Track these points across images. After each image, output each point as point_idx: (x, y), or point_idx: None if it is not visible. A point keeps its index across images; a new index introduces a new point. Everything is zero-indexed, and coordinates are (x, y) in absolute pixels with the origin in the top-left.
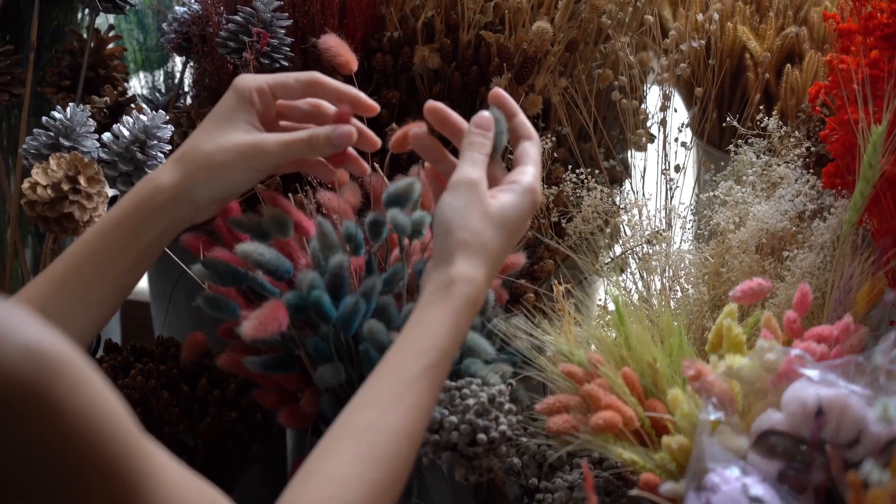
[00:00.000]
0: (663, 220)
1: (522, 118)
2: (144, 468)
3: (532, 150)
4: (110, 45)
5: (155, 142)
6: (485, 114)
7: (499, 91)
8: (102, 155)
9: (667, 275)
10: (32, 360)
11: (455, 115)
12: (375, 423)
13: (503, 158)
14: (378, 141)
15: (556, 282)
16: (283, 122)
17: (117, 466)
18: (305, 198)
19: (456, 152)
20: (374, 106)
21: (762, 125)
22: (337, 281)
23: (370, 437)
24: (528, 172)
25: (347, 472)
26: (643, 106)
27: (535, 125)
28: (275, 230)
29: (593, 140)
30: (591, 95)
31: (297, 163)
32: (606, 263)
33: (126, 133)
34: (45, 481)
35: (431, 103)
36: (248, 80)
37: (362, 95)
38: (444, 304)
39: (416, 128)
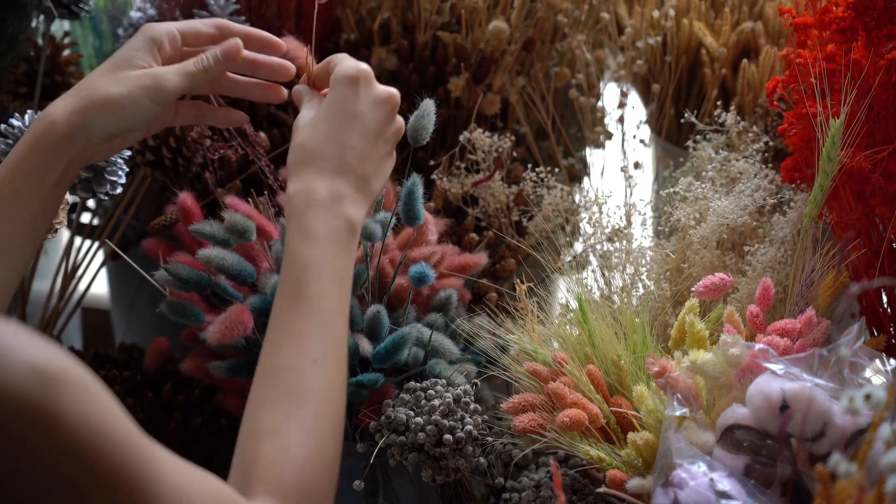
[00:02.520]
0: (623, 217)
1: (332, 63)
2: (148, 469)
3: (333, 59)
4: (66, 52)
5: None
6: (297, 88)
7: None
8: None
9: (628, 272)
10: (36, 378)
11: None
12: (277, 363)
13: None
14: (280, 43)
15: (518, 281)
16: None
17: (123, 473)
18: (265, 201)
19: None
20: (281, 43)
21: (720, 121)
22: None
23: (279, 377)
24: (336, 71)
25: (275, 419)
26: (600, 103)
27: (494, 124)
28: (237, 237)
29: (552, 138)
30: (548, 94)
31: (196, 111)
32: (568, 261)
33: None
34: (54, 496)
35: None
36: (159, 26)
37: (269, 35)
38: (288, 226)
39: None
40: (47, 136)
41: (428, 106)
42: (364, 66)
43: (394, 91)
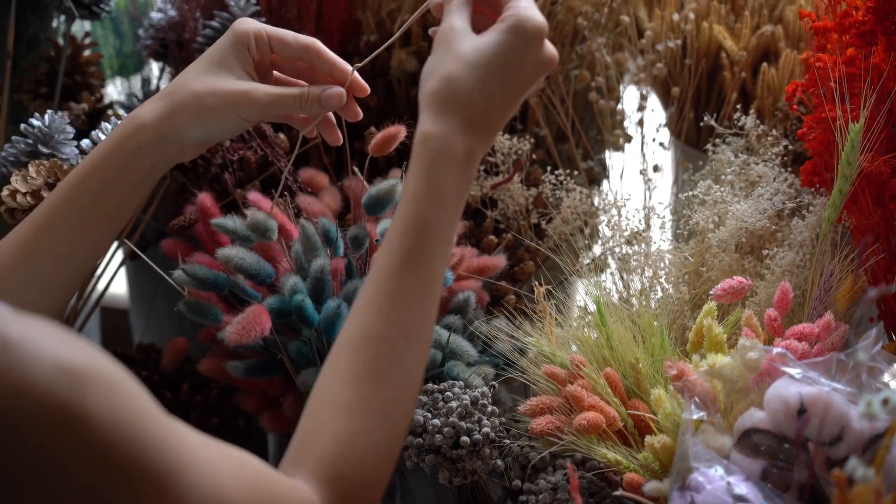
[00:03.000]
0: (642, 221)
1: None
2: (179, 465)
3: None
4: (87, 52)
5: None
6: None
7: None
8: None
9: (647, 275)
10: (64, 377)
11: None
12: (370, 332)
13: None
14: (360, 113)
15: (536, 283)
16: (276, 74)
17: (152, 472)
18: (284, 202)
19: None
20: (366, 87)
21: (739, 124)
22: (319, 285)
23: (368, 349)
24: (511, 6)
25: (352, 397)
26: (620, 106)
27: (513, 127)
28: (258, 234)
29: (571, 141)
30: (568, 97)
31: (281, 117)
32: (586, 264)
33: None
34: (79, 497)
35: None
36: (248, 24)
37: (356, 74)
38: (414, 169)
39: None
40: (133, 138)
41: None
42: (543, 22)
43: (556, 57)
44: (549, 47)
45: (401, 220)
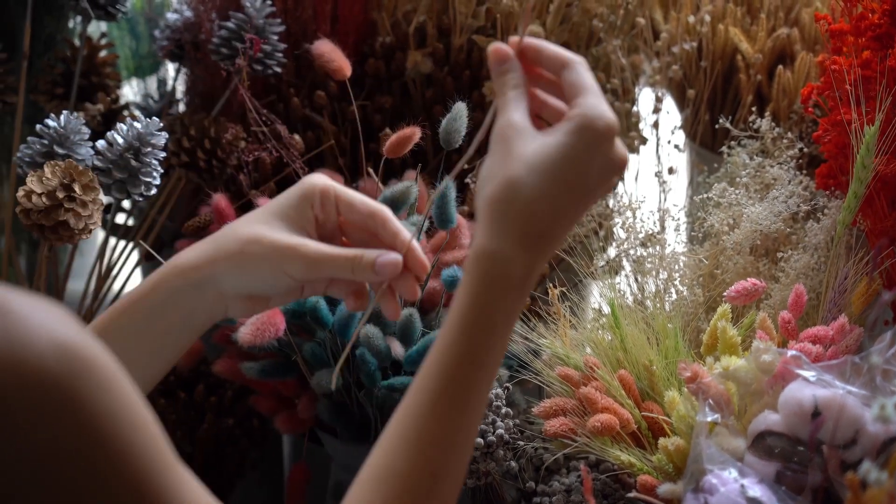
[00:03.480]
0: (657, 223)
1: (551, 49)
2: (171, 486)
3: (577, 76)
4: (103, 53)
5: (149, 149)
6: (496, 46)
7: (498, 45)
8: (97, 163)
9: (661, 277)
10: (65, 357)
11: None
12: (394, 466)
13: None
14: (417, 291)
15: (551, 285)
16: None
17: (142, 477)
18: None
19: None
20: (426, 263)
21: (755, 126)
22: None
23: (389, 483)
24: (579, 104)
25: None
26: (635, 108)
27: None
28: None
29: None
30: None
31: (334, 283)
32: (601, 266)
33: (120, 140)
34: (67, 482)
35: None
36: (318, 179)
37: (418, 249)
38: (466, 290)
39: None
40: (169, 281)
41: (460, 109)
42: (614, 120)
43: (627, 158)
44: (620, 148)
45: (444, 346)
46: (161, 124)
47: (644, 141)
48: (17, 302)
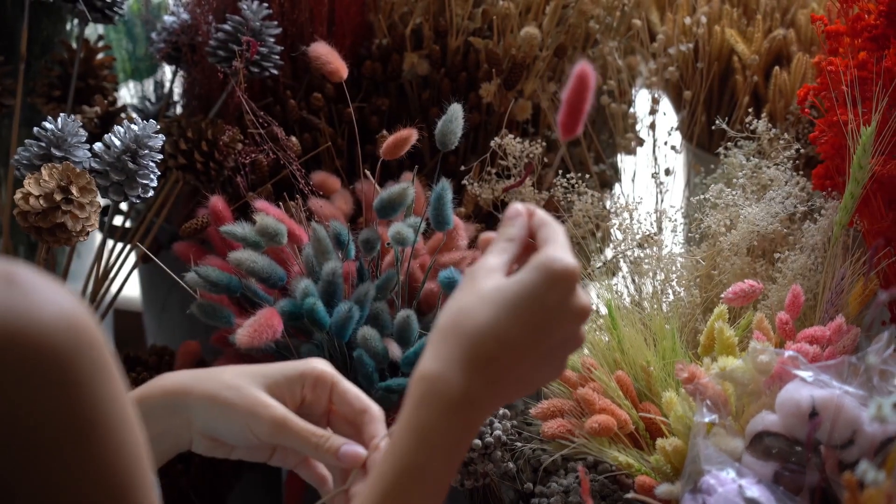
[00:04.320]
0: (654, 224)
1: (539, 214)
2: (139, 485)
3: (551, 231)
4: (100, 55)
5: (146, 151)
6: (515, 205)
7: (517, 205)
8: (94, 165)
9: (658, 278)
10: (71, 330)
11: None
12: None
13: None
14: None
15: None
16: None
17: (117, 466)
18: (296, 205)
19: None
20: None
21: (751, 128)
22: (330, 288)
23: None
24: (543, 251)
25: None
26: (632, 110)
27: (525, 130)
28: (268, 239)
29: (583, 144)
30: None
31: (306, 463)
32: (598, 267)
33: (118, 143)
34: (45, 453)
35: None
36: (321, 365)
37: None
38: (404, 408)
39: None
40: (154, 396)
41: (455, 111)
42: (574, 266)
43: (590, 306)
44: (583, 295)
45: (384, 460)
46: (158, 126)
47: (641, 142)
48: (24, 273)
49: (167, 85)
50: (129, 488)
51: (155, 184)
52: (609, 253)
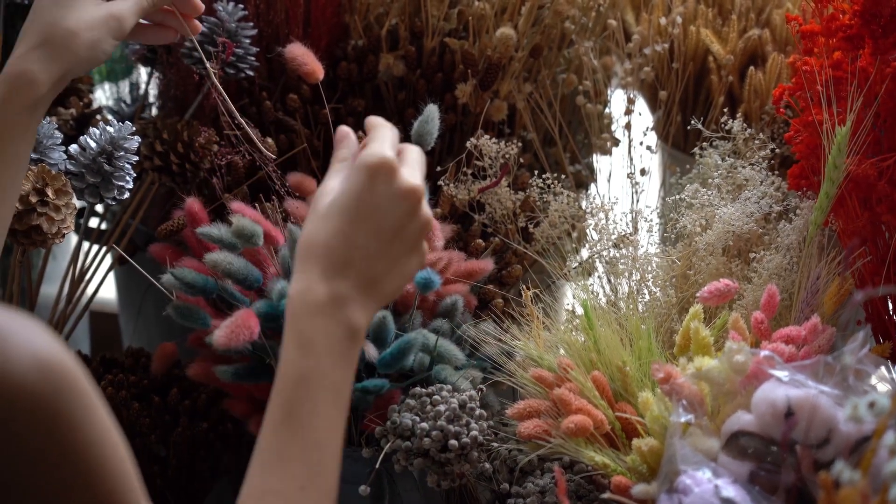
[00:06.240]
0: (630, 224)
1: (370, 120)
2: (126, 490)
3: (372, 133)
4: None
5: (122, 153)
6: (342, 127)
7: (343, 128)
8: (70, 167)
9: (634, 278)
10: (47, 375)
11: None
12: (263, 486)
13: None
14: (201, 5)
15: (524, 287)
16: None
17: (110, 497)
18: (272, 206)
19: None
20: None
21: (727, 128)
22: None
23: (263, 501)
24: (362, 153)
25: None
26: (608, 110)
27: (501, 131)
28: (244, 241)
29: (559, 145)
30: (555, 100)
31: (133, 33)
32: (574, 268)
33: (93, 145)
34: (38, 494)
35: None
36: None
37: None
38: (287, 329)
39: None
40: (27, 95)
41: (431, 112)
42: (388, 154)
43: (416, 185)
44: (406, 177)
45: (276, 377)
46: (134, 128)
47: (616, 142)
48: None
49: (143, 86)
50: None
51: (131, 186)
52: (585, 253)
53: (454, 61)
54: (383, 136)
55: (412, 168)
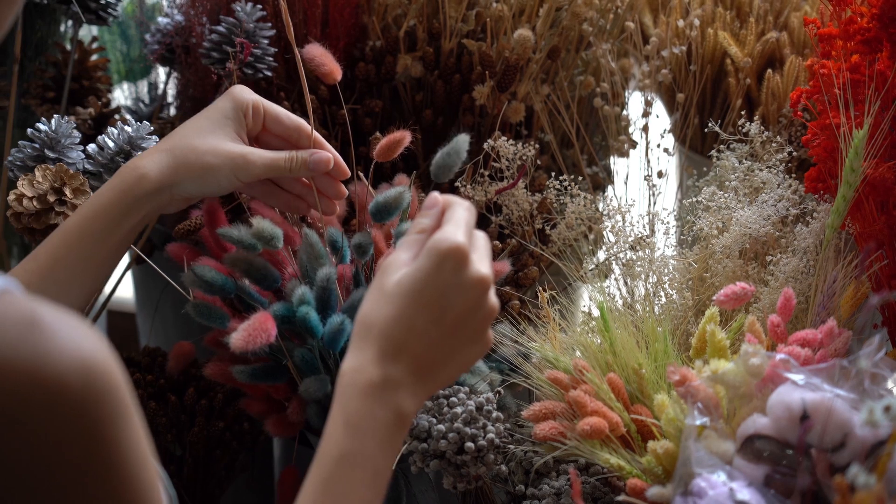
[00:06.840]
0: (647, 226)
1: (449, 200)
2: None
3: (449, 213)
4: (94, 57)
5: (139, 152)
6: (433, 194)
7: (434, 195)
8: (88, 166)
9: (651, 280)
10: (89, 378)
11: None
12: None
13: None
14: (347, 171)
15: (540, 288)
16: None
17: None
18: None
19: None
20: (346, 170)
21: (744, 130)
22: (325, 294)
23: None
24: (436, 236)
25: None
26: (625, 112)
27: (518, 132)
28: (264, 243)
29: (576, 147)
30: (573, 102)
31: (268, 192)
32: (590, 270)
33: (111, 144)
34: (63, 497)
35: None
36: (247, 94)
37: (339, 157)
38: (332, 407)
39: None
40: (136, 188)
41: (460, 143)
42: (461, 241)
43: (486, 275)
44: (477, 266)
45: (319, 449)
46: (152, 128)
47: (633, 145)
48: (48, 315)
49: (161, 86)
50: None
51: None
52: (601, 255)
53: (472, 63)
54: (458, 217)
55: (481, 255)
